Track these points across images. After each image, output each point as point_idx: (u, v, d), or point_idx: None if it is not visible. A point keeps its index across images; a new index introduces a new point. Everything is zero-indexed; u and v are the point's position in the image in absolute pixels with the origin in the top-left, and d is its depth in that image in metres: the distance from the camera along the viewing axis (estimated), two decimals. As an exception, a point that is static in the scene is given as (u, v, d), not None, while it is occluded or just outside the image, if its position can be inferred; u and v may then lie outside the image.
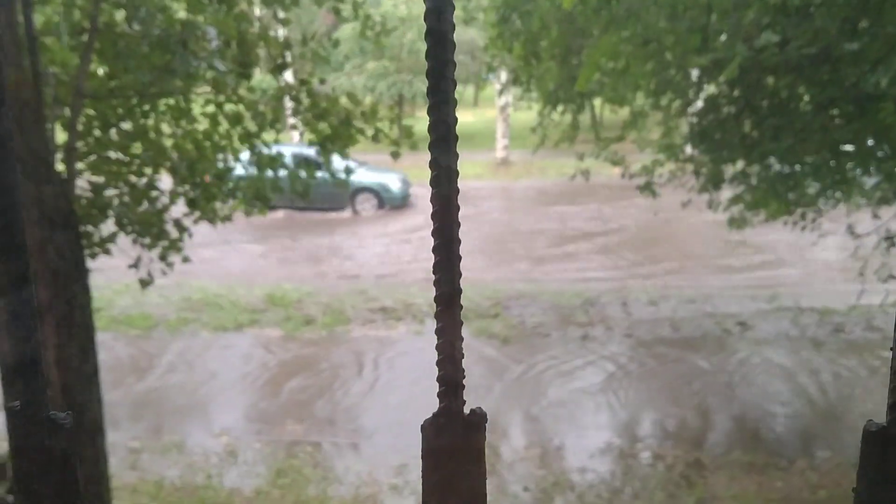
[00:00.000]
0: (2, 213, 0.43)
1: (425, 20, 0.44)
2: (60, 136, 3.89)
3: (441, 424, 0.49)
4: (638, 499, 5.35)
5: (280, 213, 15.12)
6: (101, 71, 4.33)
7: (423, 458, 0.49)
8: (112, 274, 8.69)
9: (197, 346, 8.22)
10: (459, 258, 0.47)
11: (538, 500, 5.35)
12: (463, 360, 0.48)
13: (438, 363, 0.48)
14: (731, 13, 4.94)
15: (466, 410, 0.49)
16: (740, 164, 5.93)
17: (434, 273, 0.46)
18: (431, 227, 0.46)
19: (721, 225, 7.27)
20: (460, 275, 0.47)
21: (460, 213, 0.46)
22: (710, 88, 5.80)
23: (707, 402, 6.71)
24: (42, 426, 0.47)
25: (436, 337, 0.47)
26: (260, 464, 5.81)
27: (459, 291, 0.47)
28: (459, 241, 0.47)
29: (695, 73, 5.68)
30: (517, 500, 5.33)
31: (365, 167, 15.86)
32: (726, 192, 6.53)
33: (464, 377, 0.49)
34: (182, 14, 4.16)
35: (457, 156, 0.47)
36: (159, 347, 8.15)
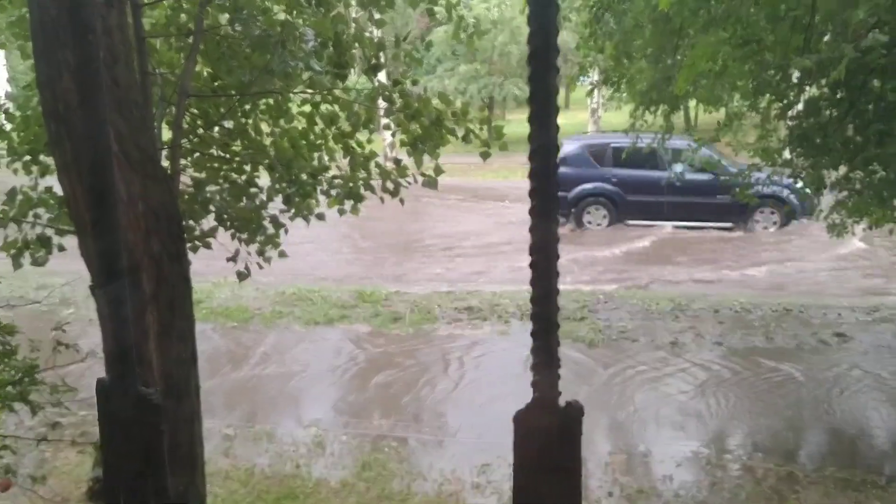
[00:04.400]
0: (100, 219, 0.47)
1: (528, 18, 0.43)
2: (165, 133, 4.08)
3: (536, 415, 0.45)
4: (726, 510, 5.22)
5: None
6: (205, 71, 4.51)
7: (515, 449, 0.44)
8: (212, 268, 9.07)
9: (290, 338, 8.49)
10: (557, 256, 0.46)
11: (622, 507, 5.29)
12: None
13: (533, 350, 0.44)
14: (838, 12, 4.76)
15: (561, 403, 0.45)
16: (842, 170, 5.70)
17: (532, 269, 0.45)
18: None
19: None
20: (558, 275, 0.45)
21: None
22: (812, 90, 5.60)
23: (801, 415, 6.47)
24: (131, 400, 0.49)
25: (531, 322, 0.45)
26: (346, 456, 5.95)
27: (557, 275, 0.45)
28: (558, 240, 0.45)
29: (795, 75, 5.49)
30: (600, 505, 5.29)
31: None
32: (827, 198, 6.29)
33: (559, 366, 0.45)
34: (281, 16, 4.29)
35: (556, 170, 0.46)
36: (254, 339, 8.46)
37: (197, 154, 4.57)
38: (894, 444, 6.00)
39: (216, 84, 4.41)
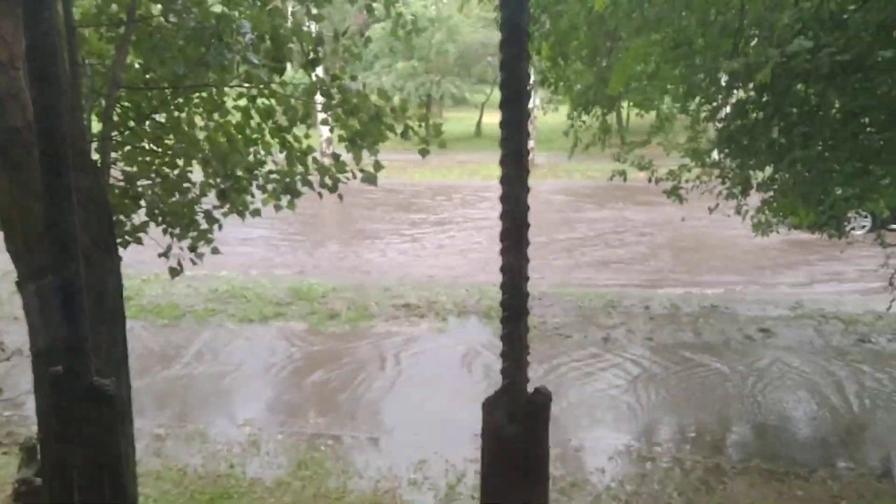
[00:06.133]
0: (54, 208, 0.46)
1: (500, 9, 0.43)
2: (95, 126, 3.96)
3: (504, 402, 0.44)
4: (656, 502, 5.35)
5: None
6: (136, 63, 4.40)
7: (483, 436, 0.44)
8: (142, 264, 8.84)
9: (223, 336, 8.34)
10: (528, 243, 0.45)
11: (555, 501, 5.37)
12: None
13: (503, 337, 0.44)
14: (765, 18, 4.91)
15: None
16: (768, 171, 5.89)
17: (502, 256, 0.45)
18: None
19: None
20: (528, 260, 0.45)
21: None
22: (739, 94, 5.77)
23: (727, 409, 6.68)
24: (86, 392, 0.48)
25: (500, 308, 0.45)
26: (281, 455, 5.89)
27: (527, 261, 0.44)
28: (528, 226, 0.44)
29: (723, 78, 5.65)
30: (535, 499, 5.35)
31: None
32: (754, 198, 6.48)
33: (528, 353, 0.45)
34: (217, 8, 4.22)
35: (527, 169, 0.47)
36: (186, 337, 8.28)
37: (128, 147, 4.45)
38: (816, 437, 6.24)
39: (148, 76, 4.30)
